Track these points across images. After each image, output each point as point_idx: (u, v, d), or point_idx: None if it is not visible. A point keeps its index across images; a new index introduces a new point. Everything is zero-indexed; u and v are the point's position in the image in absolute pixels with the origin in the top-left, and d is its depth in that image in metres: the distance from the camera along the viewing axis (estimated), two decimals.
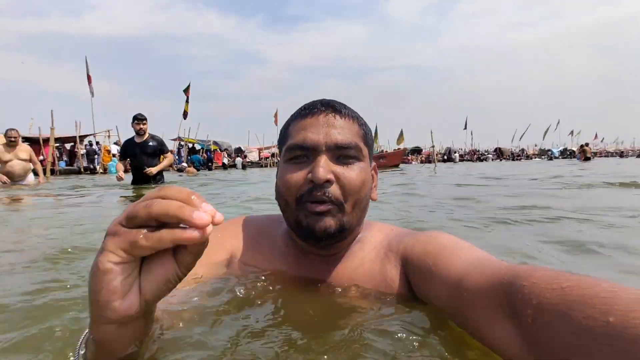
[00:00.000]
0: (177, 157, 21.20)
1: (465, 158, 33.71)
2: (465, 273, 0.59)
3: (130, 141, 5.28)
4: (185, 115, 21.54)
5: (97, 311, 0.42)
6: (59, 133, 16.46)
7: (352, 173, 0.73)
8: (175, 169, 15.70)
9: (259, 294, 0.76)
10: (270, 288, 0.78)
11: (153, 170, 5.16)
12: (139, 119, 5.20)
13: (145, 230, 0.40)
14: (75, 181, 8.03)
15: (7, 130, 5.89)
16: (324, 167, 0.70)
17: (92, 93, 18.44)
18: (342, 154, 0.73)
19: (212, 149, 23.88)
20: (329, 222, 0.71)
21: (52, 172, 10.68)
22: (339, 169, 0.73)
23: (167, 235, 0.40)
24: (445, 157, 32.33)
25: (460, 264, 0.62)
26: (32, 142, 14.21)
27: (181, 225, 0.40)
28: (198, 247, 0.43)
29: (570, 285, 0.41)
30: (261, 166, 25.58)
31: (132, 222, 0.40)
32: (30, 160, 6.04)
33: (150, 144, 5.24)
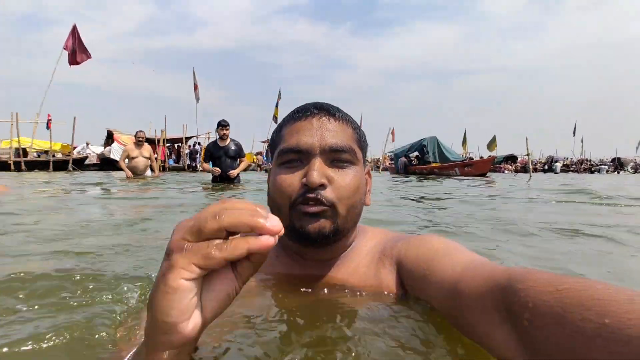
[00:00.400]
0: (265, 158, 22.81)
1: (572, 168, 29.71)
2: (460, 276, 0.59)
3: (214, 144, 5.88)
4: (275, 119, 23.04)
5: (162, 336, 0.40)
6: (169, 134, 19.07)
7: (347, 177, 0.73)
8: (263, 169, 16.87)
9: (249, 303, 0.74)
10: (262, 296, 0.77)
11: (234, 172, 5.73)
12: (222, 125, 5.77)
13: (216, 242, 0.38)
14: (179, 176, 9.23)
15: (137, 132, 7.01)
16: (318, 171, 0.70)
17: (197, 99, 20.85)
18: (336, 157, 0.73)
19: None
20: (324, 223, 0.71)
21: (163, 168, 12.45)
22: (333, 172, 0.73)
23: (242, 244, 0.38)
24: (546, 167, 28.93)
25: (455, 267, 0.62)
26: (150, 142, 16.66)
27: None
28: (261, 257, 0.41)
29: (566, 287, 0.42)
30: None
31: (199, 235, 0.39)
32: (149, 158, 7.11)
33: (232, 147, 5.79)
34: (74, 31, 13.94)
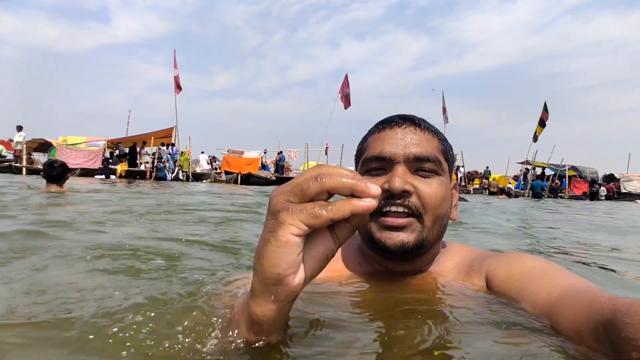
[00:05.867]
0: (522, 181, 20.19)
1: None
2: (558, 301, 0.55)
3: None
4: (535, 138, 20.12)
5: (269, 287, 0.42)
6: None
7: (432, 186, 0.70)
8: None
9: (330, 312, 0.72)
10: (342, 306, 0.74)
11: None
12: None
13: (320, 203, 0.41)
14: None
15: None
16: (401, 177, 0.69)
17: (445, 121, 21.43)
18: (420, 166, 0.71)
19: (567, 175, 20.68)
20: (408, 237, 0.69)
21: None
22: (417, 181, 0.70)
23: (346, 206, 0.40)
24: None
25: (551, 290, 0.58)
26: None
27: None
28: (361, 220, 0.43)
29: None
30: None
31: (303, 196, 0.40)
32: None
33: None
34: (346, 79, 17.93)
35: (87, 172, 14.36)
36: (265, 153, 20.06)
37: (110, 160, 15.98)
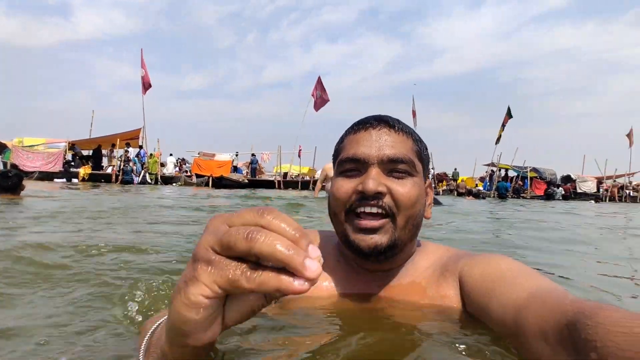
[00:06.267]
0: (487, 182, 21.03)
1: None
2: (526, 303, 0.57)
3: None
4: (497, 140, 21.04)
5: (178, 338, 0.39)
6: None
7: (405, 187, 0.72)
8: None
9: (304, 310, 0.75)
10: (318, 303, 0.77)
11: None
12: None
13: (245, 266, 0.35)
14: None
15: None
16: (375, 179, 0.70)
17: (414, 125, 21.96)
18: (394, 167, 0.73)
19: (529, 176, 21.75)
20: (381, 239, 0.71)
21: None
22: (391, 182, 0.72)
23: (272, 282, 0.34)
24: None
25: (521, 292, 0.59)
26: None
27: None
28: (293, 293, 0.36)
29: None
30: (598, 199, 20.38)
31: (228, 251, 0.35)
32: None
33: None
34: (319, 82, 17.99)
35: (46, 176, 13.60)
36: (237, 155, 19.76)
37: (72, 163, 15.22)
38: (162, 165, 17.58)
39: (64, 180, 13.44)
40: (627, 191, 21.23)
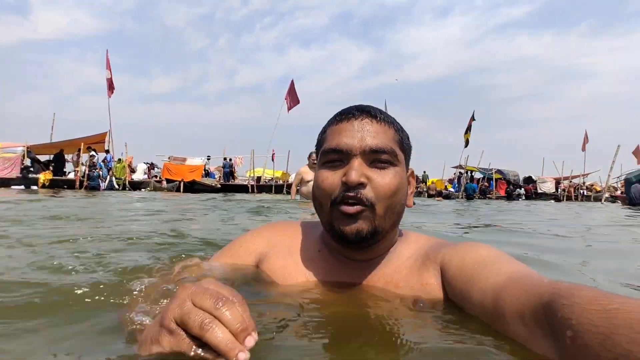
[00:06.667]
0: (456, 184, 21.78)
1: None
2: (504, 286, 0.59)
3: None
4: (466, 143, 21.84)
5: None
6: None
7: (386, 177, 0.74)
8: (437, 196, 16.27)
9: (286, 299, 0.76)
10: (300, 292, 0.78)
11: None
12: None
13: (195, 344, 0.45)
14: None
15: (311, 153, 6.27)
16: (357, 170, 0.72)
17: None
18: (376, 158, 0.74)
19: (494, 178, 22.75)
20: (362, 225, 0.72)
21: None
22: (372, 172, 0.74)
23: None
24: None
25: (499, 276, 0.61)
26: None
27: None
28: None
29: (615, 307, 0.40)
30: (557, 199, 21.60)
31: (185, 328, 0.45)
32: None
33: None
34: (291, 85, 18.02)
35: (2, 183, 12.78)
36: (208, 159, 19.37)
37: (31, 169, 14.37)
38: (133, 171, 16.97)
39: (22, 187, 12.68)
40: (582, 191, 22.63)
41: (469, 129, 21.48)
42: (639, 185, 13.25)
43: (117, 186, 14.63)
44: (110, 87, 16.55)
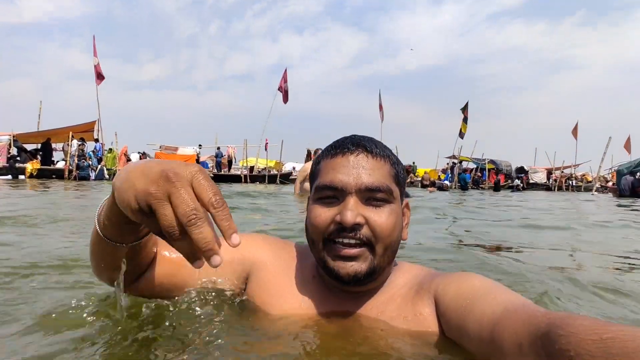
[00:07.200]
0: (449, 174, 21.87)
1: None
2: (501, 317, 0.58)
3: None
4: (461, 134, 21.89)
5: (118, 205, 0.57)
6: None
7: (383, 216, 0.73)
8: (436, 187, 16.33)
9: (276, 327, 0.76)
10: (291, 321, 0.78)
11: None
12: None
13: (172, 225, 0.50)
14: None
15: (317, 149, 6.54)
16: (353, 210, 0.70)
17: (381, 119, 22.31)
18: (371, 196, 0.73)
19: (487, 168, 22.88)
20: (360, 266, 0.72)
21: None
22: (368, 211, 0.73)
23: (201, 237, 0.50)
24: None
25: (495, 307, 0.61)
26: None
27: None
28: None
29: (611, 336, 0.40)
30: (549, 189, 21.85)
31: (173, 206, 0.51)
32: None
33: None
34: (285, 75, 17.77)
35: None
36: (200, 147, 19.11)
37: (18, 158, 14.04)
38: (129, 160, 16.79)
39: (9, 177, 12.39)
40: (571, 181, 22.88)
41: (465, 120, 21.51)
42: (629, 177, 13.44)
43: (107, 176, 14.39)
44: (99, 75, 16.14)
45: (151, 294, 0.80)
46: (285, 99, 17.90)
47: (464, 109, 21.47)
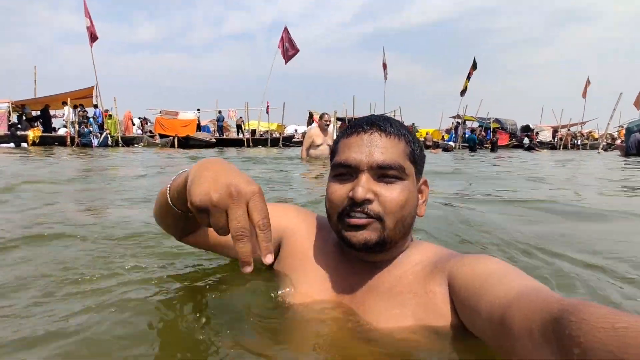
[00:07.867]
0: (453, 135, 21.62)
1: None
2: (512, 301, 0.58)
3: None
4: (462, 92, 21.37)
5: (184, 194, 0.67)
6: (357, 114, 20.82)
7: (394, 192, 0.76)
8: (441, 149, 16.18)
9: (295, 293, 0.87)
10: (302, 291, 0.87)
11: None
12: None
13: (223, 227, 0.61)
14: None
15: (323, 114, 5.68)
16: (364, 186, 0.75)
17: (385, 77, 21.72)
18: (383, 173, 0.76)
19: (492, 128, 22.55)
20: (370, 235, 0.76)
21: None
22: (379, 187, 0.76)
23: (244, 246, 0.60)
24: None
25: (508, 291, 0.61)
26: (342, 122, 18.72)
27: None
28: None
29: (625, 326, 0.40)
30: (554, 147, 21.65)
31: (230, 221, 0.61)
32: None
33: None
34: (285, 32, 17.06)
35: None
36: (199, 112, 18.79)
37: (19, 126, 13.90)
38: (134, 124, 16.91)
39: (12, 144, 12.34)
40: (577, 140, 22.59)
41: (468, 77, 20.91)
42: (638, 135, 13.22)
43: (110, 143, 14.31)
44: (92, 36, 15.56)
45: (201, 246, 0.99)
46: (287, 58, 17.32)
47: (472, 67, 20.79)
